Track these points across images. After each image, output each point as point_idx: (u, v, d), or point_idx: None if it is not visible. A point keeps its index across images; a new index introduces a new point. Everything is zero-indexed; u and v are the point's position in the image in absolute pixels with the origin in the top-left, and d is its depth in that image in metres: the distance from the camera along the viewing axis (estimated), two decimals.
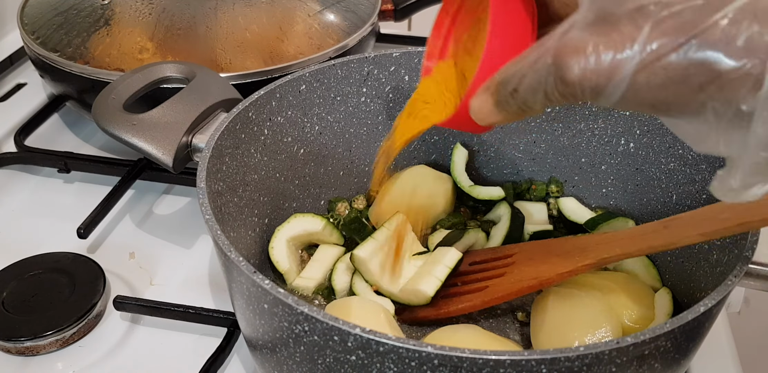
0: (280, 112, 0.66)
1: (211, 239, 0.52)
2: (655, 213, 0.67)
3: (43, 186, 0.82)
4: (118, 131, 0.63)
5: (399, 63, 0.70)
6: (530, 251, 0.62)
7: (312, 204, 0.72)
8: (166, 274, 0.72)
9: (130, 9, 0.83)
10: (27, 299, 0.65)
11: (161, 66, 0.70)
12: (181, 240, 0.76)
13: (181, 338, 0.66)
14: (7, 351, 0.63)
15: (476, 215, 0.74)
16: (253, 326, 0.52)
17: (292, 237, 0.66)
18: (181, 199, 0.81)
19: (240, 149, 0.62)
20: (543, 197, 0.74)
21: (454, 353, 0.42)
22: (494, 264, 0.63)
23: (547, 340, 0.58)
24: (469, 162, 0.76)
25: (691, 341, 0.49)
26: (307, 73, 0.67)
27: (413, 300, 0.61)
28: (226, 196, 0.59)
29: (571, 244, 0.59)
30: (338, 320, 0.44)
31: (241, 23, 0.83)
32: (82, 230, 0.71)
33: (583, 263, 0.55)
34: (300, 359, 0.49)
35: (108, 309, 0.67)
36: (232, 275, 0.51)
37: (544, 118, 0.72)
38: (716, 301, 0.47)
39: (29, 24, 0.85)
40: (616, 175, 0.70)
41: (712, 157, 0.60)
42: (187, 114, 0.64)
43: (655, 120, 0.66)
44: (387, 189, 0.72)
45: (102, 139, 0.88)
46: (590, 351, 0.42)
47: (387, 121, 0.73)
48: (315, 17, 0.86)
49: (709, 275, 0.57)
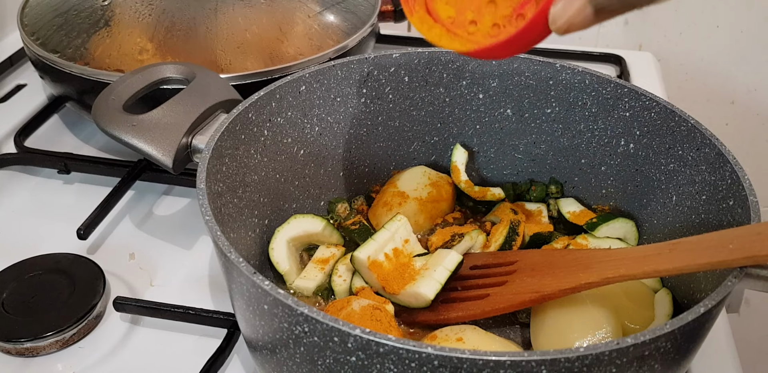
0: (280, 113, 0.66)
1: (211, 239, 0.52)
2: (654, 214, 0.67)
3: (43, 187, 0.82)
4: (118, 132, 0.63)
5: (399, 64, 0.71)
6: (532, 260, 0.62)
7: (312, 205, 0.72)
8: (166, 275, 0.72)
9: (130, 10, 0.83)
10: (27, 300, 0.65)
11: (161, 67, 0.70)
12: (181, 241, 0.76)
13: (181, 339, 0.66)
14: (7, 352, 0.63)
15: (476, 216, 0.74)
16: (253, 327, 0.52)
17: (292, 238, 0.66)
18: (181, 200, 0.81)
19: (240, 150, 0.62)
20: (543, 198, 0.74)
21: (454, 354, 0.42)
22: (495, 271, 0.63)
23: (547, 341, 0.58)
24: (469, 163, 0.76)
25: (691, 342, 0.49)
26: (307, 74, 0.67)
27: (413, 303, 0.61)
28: (226, 197, 0.59)
29: (573, 257, 0.58)
30: (338, 321, 0.44)
31: (241, 24, 0.83)
32: (82, 231, 0.71)
33: (587, 280, 0.55)
34: (300, 360, 0.49)
35: (108, 310, 0.67)
36: (232, 276, 0.51)
37: (544, 118, 0.72)
38: (716, 302, 0.47)
39: (29, 25, 0.85)
40: (615, 176, 0.70)
41: (711, 159, 0.60)
42: (187, 115, 0.64)
43: (654, 121, 0.66)
44: (387, 190, 0.73)
45: (102, 140, 0.88)
46: (590, 352, 0.42)
47: (387, 122, 0.73)
48: (315, 18, 0.86)
49: (709, 276, 0.57)
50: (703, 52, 1.23)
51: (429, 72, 0.72)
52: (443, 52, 0.71)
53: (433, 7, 0.52)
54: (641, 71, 1.05)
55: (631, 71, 1.04)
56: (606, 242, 0.67)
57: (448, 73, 0.72)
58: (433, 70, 0.72)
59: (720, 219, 0.58)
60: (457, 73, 0.72)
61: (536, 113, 0.72)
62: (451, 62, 0.71)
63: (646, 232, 0.69)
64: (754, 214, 0.54)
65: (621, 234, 0.69)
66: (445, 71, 0.72)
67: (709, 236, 0.51)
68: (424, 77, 0.72)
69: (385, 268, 0.62)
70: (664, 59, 1.23)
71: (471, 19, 0.50)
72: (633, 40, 1.24)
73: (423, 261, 0.64)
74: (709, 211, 0.60)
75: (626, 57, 1.06)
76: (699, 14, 1.19)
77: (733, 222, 0.56)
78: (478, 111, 0.74)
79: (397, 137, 0.74)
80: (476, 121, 0.74)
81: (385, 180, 0.76)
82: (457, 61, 0.71)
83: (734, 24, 1.19)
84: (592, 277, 0.55)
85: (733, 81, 1.25)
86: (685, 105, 0.72)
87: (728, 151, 0.59)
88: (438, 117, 0.74)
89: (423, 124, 0.74)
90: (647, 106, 0.66)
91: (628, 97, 0.67)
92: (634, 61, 1.06)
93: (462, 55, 0.71)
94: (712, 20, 1.19)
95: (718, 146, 0.60)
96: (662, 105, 0.65)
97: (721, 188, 0.59)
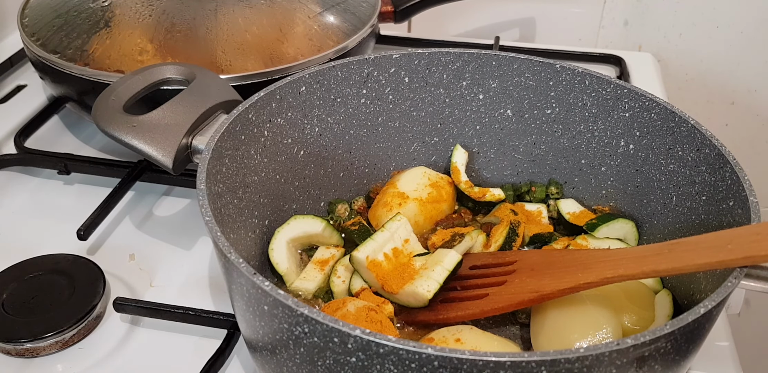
0: (280, 114, 0.66)
1: (211, 240, 0.52)
2: (654, 215, 0.67)
3: (43, 188, 0.82)
4: (118, 133, 0.63)
5: (399, 65, 0.71)
6: (531, 260, 0.62)
7: (312, 206, 0.72)
8: (166, 275, 0.72)
9: (130, 11, 0.83)
10: (27, 300, 0.65)
11: (161, 68, 0.70)
12: (181, 242, 0.76)
13: (181, 339, 0.66)
14: (7, 353, 0.63)
15: (476, 216, 0.74)
16: (253, 327, 0.52)
17: (291, 239, 0.66)
18: (181, 200, 0.81)
19: (240, 151, 0.62)
20: (543, 199, 0.74)
21: (454, 355, 0.42)
22: (495, 271, 0.63)
23: (548, 341, 0.58)
24: (469, 163, 0.76)
25: (691, 343, 0.49)
26: (307, 75, 0.67)
27: (412, 302, 0.61)
28: (226, 197, 0.59)
29: (573, 257, 0.59)
30: (338, 322, 0.44)
31: (241, 25, 0.83)
32: (82, 232, 0.71)
33: (586, 280, 0.55)
34: (300, 361, 0.49)
35: (108, 311, 0.67)
36: (231, 277, 0.51)
37: (544, 119, 0.72)
38: (716, 302, 0.47)
39: (29, 26, 0.85)
40: (615, 176, 0.70)
41: (711, 159, 0.60)
42: (187, 116, 0.64)
43: (654, 122, 0.66)
44: (387, 190, 0.73)
45: (102, 141, 0.88)
46: (590, 352, 0.42)
47: (387, 123, 0.73)
48: (315, 19, 0.86)
49: (709, 277, 0.57)
50: (703, 53, 1.23)
51: (429, 73, 0.72)
52: (443, 52, 0.71)
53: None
54: (641, 72, 1.05)
55: (631, 72, 1.04)
56: (606, 242, 0.67)
57: (448, 74, 0.72)
58: (433, 70, 0.72)
59: (720, 220, 0.58)
60: (457, 74, 0.72)
61: (536, 114, 0.72)
62: (451, 63, 0.71)
63: (646, 232, 0.69)
64: (754, 214, 0.54)
65: (621, 235, 0.69)
66: (445, 72, 0.72)
67: (708, 237, 0.52)
68: (424, 78, 0.72)
69: (384, 267, 0.62)
70: (664, 60, 1.23)
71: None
72: (633, 41, 1.24)
73: (423, 261, 0.64)
74: (709, 211, 0.60)
75: (626, 58, 1.06)
76: (699, 15, 1.19)
77: (734, 223, 0.56)
78: (478, 112, 0.74)
79: (397, 138, 0.74)
80: (476, 121, 0.74)
81: (385, 181, 0.76)
82: (457, 61, 0.71)
83: (734, 24, 1.19)
84: (591, 277, 0.55)
85: (733, 82, 1.25)
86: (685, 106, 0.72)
87: (728, 152, 0.59)
88: (438, 118, 0.74)
89: (423, 125, 0.74)
90: (647, 106, 0.66)
91: (627, 98, 0.67)
92: (633, 62, 1.06)
93: (462, 56, 0.71)
94: (712, 21, 1.19)
95: (718, 147, 0.60)
96: (662, 106, 0.65)
97: (721, 189, 0.59)
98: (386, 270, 0.62)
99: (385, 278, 0.62)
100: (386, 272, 0.62)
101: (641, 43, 1.24)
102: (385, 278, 0.62)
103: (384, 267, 0.62)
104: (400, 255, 0.63)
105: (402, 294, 0.61)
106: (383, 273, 0.62)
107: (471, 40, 1.09)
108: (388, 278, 0.62)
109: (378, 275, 0.62)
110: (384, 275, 0.62)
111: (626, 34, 1.23)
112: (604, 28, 1.23)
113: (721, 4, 1.18)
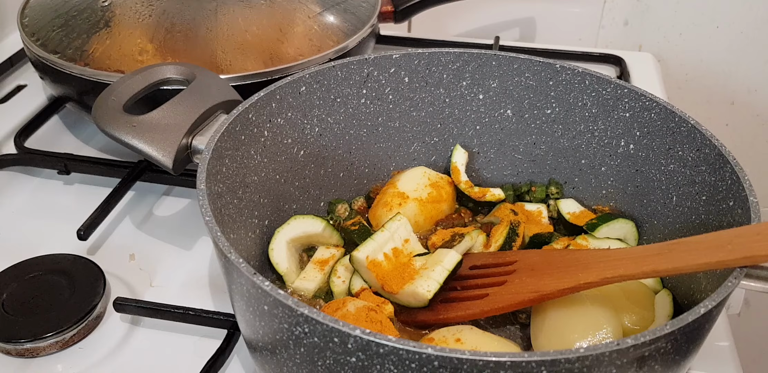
0: (280, 114, 0.66)
1: (211, 240, 0.52)
2: (655, 215, 0.67)
3: (43, 188, 0.82)
4: (118, 133, 0.63)
5: (399, 65, 0.71)
6: (531, 260, 0.62)
7: (312, 206, 0.72)
8: (166, 275, 0.72)
9: (130, 11, 0.83)
10: (27, 300, 0.65)
11: (161, 68, 0.70)
12: (181, 242, 0.76)
13: (181, 339, 0.66)
14: (7, 353, 0.63)
15: (476, 216, 0.74)
16: (253, 327, 0.52)
17: (291, 239, 0.66)
18: (181, 200, 0.81)
19: (240, 151, 0.62)
20: (543, 199, 0.74)
21: (454, 355, 0.42)
22: (495, 271, 0.63)
23: (548, 341, 0.58)
24: (469, 163, 0.76)
25: (691, 343, 0.49)
26: (307, 75, 0.67)
27: (412, 302, 0.61)
28: (226, 197, 0.59)
29: (572, 257, 0.59)
30: (338, 322, 0.44)
31: (241, 25, 0.83)
32: (82, 232, 0.71)
33: (586, 280, 0.55)
34: (300, 361, 0.49)
35: (108, 311, 0.67)
36: (232, 277, 0.51)
37: (544, 119, 0.72)
38: (716, 302, 0.47)
39: (29, 26, 0.85)
40: (615, 176, 0.70)
41: (711, 159, 0.60)
42: (187, 116, 0.64)
43: (654, 122, 0.66)
44: (387, 190, 0.73)
45: (102, 141, 0.88)
46: (590, 353, 0.42)
47: (387, 123, 0.73)
48: (315, 19, 0.86)
49: (709, 277, 0.57)
50: (703, 53, 1.23)
51: (429, 73, 0.72)
52: (443, 52, 0.71)
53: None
54: (641, 72, 1.05)
55: (631, 72, 1.04)
56: (606, 242, 0.67)
57: (448, 74, 0.72)
58: (433, 70, 0.72)
59: (720, 220, 0.58)
60: (457, 74, 0.72)
61: (536, 114, 0.72)
62: (451, 63, 0.71)
63: (646, 232, 0.69)
64: (755, 214, 0.54)
65: (621, 235, 0.69)
66: (445, 72, 0.72)
67: (708, 237, 0.52)
68: (424, 78, 0.72)
69: (384, 267, 0.62)
70: (664, 60, 1.23)
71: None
72: (633, 41, 1.24)
73: (423, 261, 0.64)
74: (709, 211, 0.60)
75: (626, 58, 1.06)
76: (699, 15, 1.19)
77: (734, 223, 0.56)
78: (478, 112, 0.74)
79: (397, 138, 0.74)
80: (476, 121, 0.74)
81: (385, 181, 0.76)
82: (457, 61, 0.71)
83: (734, 24, 1.19)
84: (591, 277, 0.55)
85: (733, 82, 1.25)
86: (685, 106, 0.72)
87: (728, 152, 0.59)
88: (438, 118, 0.74)
89: (423, 125, 0.74)
90: (647, 106, 0.66)
91: (628, 98, 0.67)
92: (634, 62, 1.06)
93: (462, 56, 0.71)
94: (712, 21, 1.19)
95: (718, 147, 0.60)
96: (662, 106, 0.65)
97: (721, 189, 0.59)
98: (386, 270, 0.62)
99: (385, 278, 0.62)
100: (386, 272, 0.62)
101: (641, 43, 1.24)
102: (385, 278, 0.62)
103: (384, 267, 0.62)
104: (400, 255, 0.63)
105: (402, 294, 0.61)
106: (383, 273, 0.62)
107: (471, 40, 1.09)
108: (388, 278, 0.62)
109: (378, 275, 0.62)
110: (384, 275, 0.62)
111: (626, 34, 1.24)
112: (604, 28, 1.23)
113: (721, 4, 1.18)
